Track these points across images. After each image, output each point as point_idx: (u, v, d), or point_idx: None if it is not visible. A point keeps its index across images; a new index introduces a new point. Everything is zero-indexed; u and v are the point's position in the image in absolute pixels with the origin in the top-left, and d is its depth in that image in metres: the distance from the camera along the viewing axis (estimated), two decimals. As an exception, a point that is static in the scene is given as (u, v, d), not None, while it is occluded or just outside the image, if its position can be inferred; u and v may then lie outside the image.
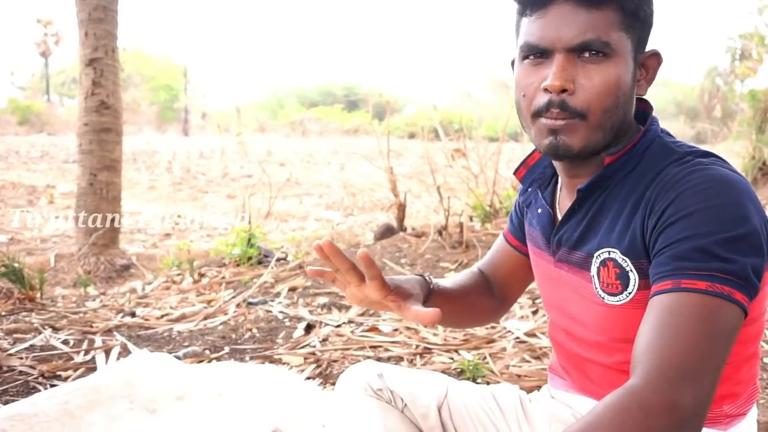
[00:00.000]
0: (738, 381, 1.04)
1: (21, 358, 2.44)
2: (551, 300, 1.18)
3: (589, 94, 0.95)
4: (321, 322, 2.92)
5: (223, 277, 3.95)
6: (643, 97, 1.06)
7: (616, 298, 1.01)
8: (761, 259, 0.89)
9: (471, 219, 4.47)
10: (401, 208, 5.13)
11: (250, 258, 4.18)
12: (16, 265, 3.34)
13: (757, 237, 0.89)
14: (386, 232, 5.08)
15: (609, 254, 1.01)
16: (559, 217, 1.12)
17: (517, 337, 2.62)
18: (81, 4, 5.67)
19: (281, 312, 3.13)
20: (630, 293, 0.99)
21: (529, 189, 1.21)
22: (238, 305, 3.29)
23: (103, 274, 5.39)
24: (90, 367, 2.41)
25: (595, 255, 1.03)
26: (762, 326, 1.04)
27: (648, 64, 1.03)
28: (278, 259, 4.17)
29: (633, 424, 0.78)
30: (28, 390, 2.18)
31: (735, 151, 8.31)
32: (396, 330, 2.75)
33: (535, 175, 1.19)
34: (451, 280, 1.28)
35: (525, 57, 1.00)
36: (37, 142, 19.58)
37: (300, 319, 3.01)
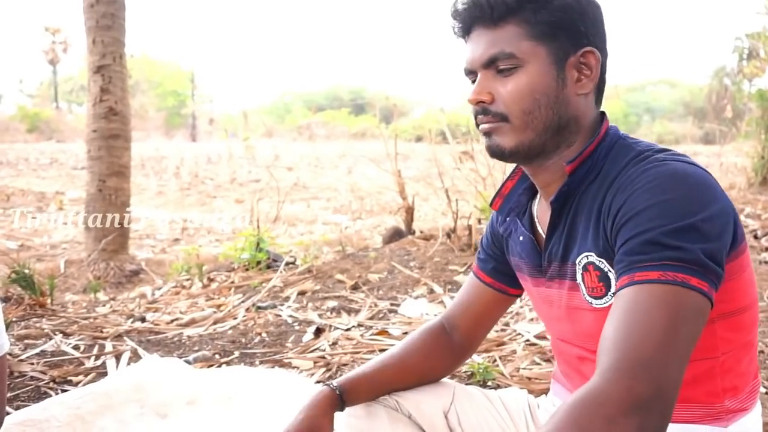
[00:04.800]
0: (740, 373, 1.04)
1: (32, 364, 2.45)
2: (549, 318, 1.20)
3: (505, 99, 1.04)
4: (330, 326, 2.92)
5: (233, 282, 3.96)
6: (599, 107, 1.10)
7: (602, 301, 1.04)
8: (719, 244, 0.90)
9: (479, 221, 4.45)
10: (409, 211, 5.12)
11: (259, 262, 4.19)
12: (26, 271, 3.36)
13: (710, 224, 0.90)
14: (395, 235, 5.07)
15: (588, 258, 1.04)
16: (544, 236, 1.14)
17: (527, 340, 2.61)
18: (89, 11, 5.71)
19: (290, 316, 3.14)
20: (614, 294, 1.00)
21: (508, 219, 1.23)
22: (247, 309, 3.30)
23: (112, 280, 5.41)
24: (100, 372, 2.42)
25: (577, 262, 1.05)
26: (756, 314, 1.06)
27: (587, 63, 1.06)
28: (287, 264, 4.17)
29: (592, 419, 0.79)
30: (39, 395, 2.19)
31: (744, 151, 8.27)
32: (405, 333, 2.75)
33: (511, 204, 1.22)
34: (381, 360, 1.28)
35: (471, 80, 1.10)
36: (46, 149, 19.67)
37: (309, 322, 3.01)
